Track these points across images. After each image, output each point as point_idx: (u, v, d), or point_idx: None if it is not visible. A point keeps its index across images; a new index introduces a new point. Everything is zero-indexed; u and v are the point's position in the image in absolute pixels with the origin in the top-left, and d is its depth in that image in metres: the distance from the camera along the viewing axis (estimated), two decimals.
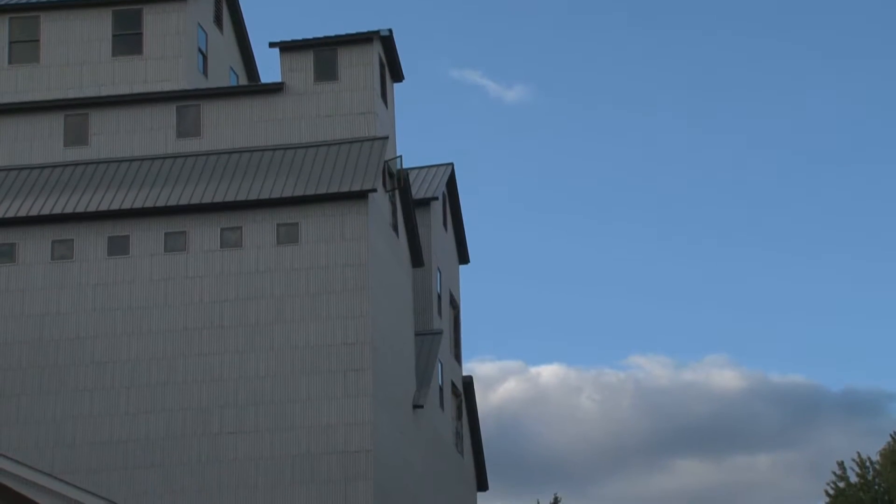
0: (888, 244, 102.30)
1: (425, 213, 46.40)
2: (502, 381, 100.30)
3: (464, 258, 51.29)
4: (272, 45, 41.96)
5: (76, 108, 42.19)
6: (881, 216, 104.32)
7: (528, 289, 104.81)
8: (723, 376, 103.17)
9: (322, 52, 41.89)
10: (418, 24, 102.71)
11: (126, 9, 43.17)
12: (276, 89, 41.76)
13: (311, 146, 41.07)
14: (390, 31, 42.22)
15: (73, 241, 40.15)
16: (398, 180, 42.35)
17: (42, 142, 42.10)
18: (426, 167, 48.60)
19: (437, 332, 45.90)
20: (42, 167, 41.69)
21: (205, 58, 44.39)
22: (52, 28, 43.35)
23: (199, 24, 44.15)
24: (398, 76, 43.98)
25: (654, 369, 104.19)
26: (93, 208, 40.14)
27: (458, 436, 48.65)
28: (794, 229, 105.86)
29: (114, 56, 42.98)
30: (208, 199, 39.89)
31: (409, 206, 43.43)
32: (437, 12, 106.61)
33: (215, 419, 38.57)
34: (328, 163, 40.49)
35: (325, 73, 41.73)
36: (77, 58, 43.01)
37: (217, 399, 38.68)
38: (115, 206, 40.12)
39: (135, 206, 40.02)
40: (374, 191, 39.52)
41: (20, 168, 41.74)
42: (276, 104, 41.65)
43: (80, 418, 38.95)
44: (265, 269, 39.36)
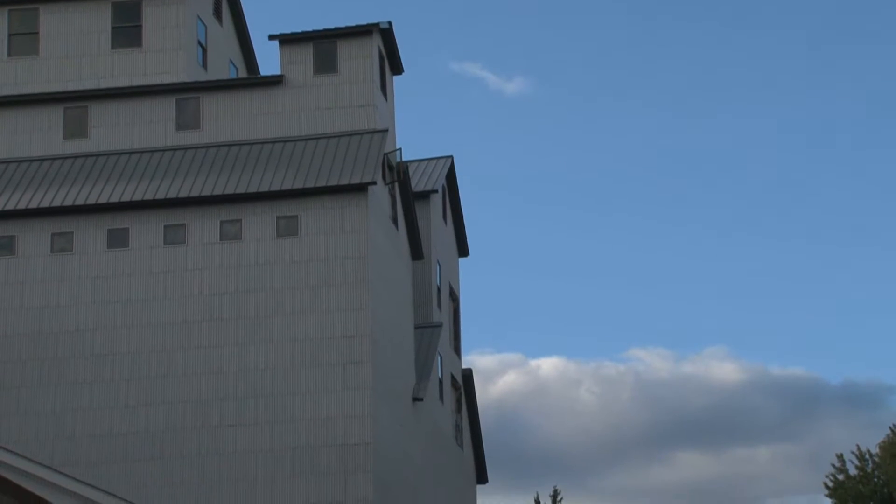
0: (888, 237, 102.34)
1: (425, 205, 46.39)
2: (502, 373, 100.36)
3: (463, 251, 51.29)
4: (272, 37, 41.94)
5: (75, 101, 42.16)
6: (881, 209, 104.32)
7: (527, 281, 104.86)
8: (722, 369, 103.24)
9: (321, 45, 41.85)
10: (418, 16, 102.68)
11: (125, 1, 43.12)
12: (275, 82, 41.73)
13: (310, 139, 41.04)
14: (390, 23, 42.19)
15: (72, 233, 40.14)
16: (398, 173, 42.33)
17: (41, 134, 42.08)
18: (426, 160, 48.59)
19: (436, 324, 45.91)
20: (41, 160, 41.67)
21: (204, 50, 44.35)
22: (51, 20, 43.31)
23: (199, 17, 44.11)
24: (398, 69, 43.95)
25: (653, 362, 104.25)
26: (92, 201, 40.12)
27: (458, 428, 48.66)
28: (793, 222, 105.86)
29: (113, 48, 42.95)
30: (208, 192, 39.88)
31: (409, 199, 43.41)
32: (436, 4, 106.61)
33: (215, 412, 38.58)
34: (328, 155, 40.46)
35: (325, 65, 41.70)
36: (76, 50, 42.99)
37: (217, 392, 38.68)
38: (114, 198, 40.10)
39: (134, 199, 40.00)
40: (373, 183, 39.51)
41: (19, 161, 41.72)
42: (276, 97, 41.62)
43: (80, 411, 38.96)
44: (265, 262, 39.36)
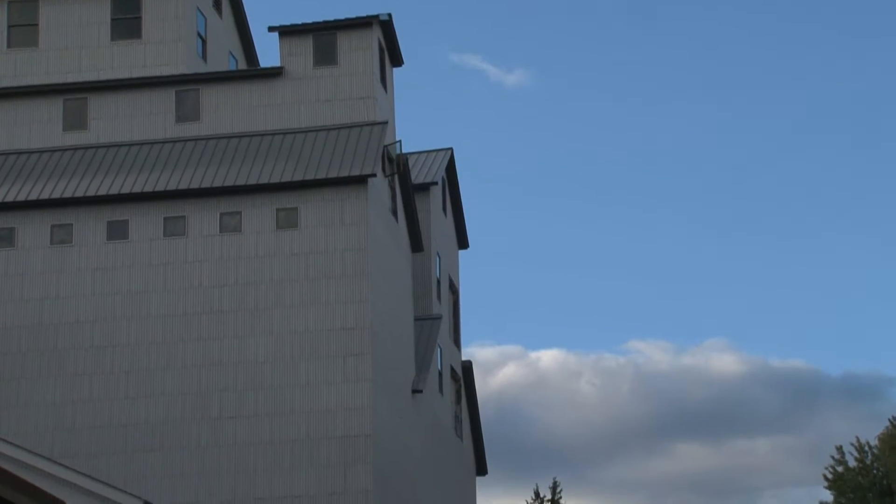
0: (888, 230, 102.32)
1: (425, 198, 46.37)
2: (502, 365, 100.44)
3: (463, 243, 51.27)
4: (271, 29, 41.91)
5: (75, 93, 42.13)
6: (882, 201, 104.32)
7: (527, 273, 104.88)
8: (722, 361, 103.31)
9: (321, 37, 41.82)
10: (418, 8, 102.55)
11: None
12: (275, 74, 41.70)
13: (310, 131, 41.02)
14: (390, 15, 42.14)
15: (72, 225, 40.13)
16: (397, 165, 42.32)
17: (41, 126, 42.05)
18: (425, 152, 48.56)
19: (436, 316, 45.92)
20: (41, 151, 41.64)
21: (204, 42, 44.32)
22: (50, 12, 43.26)
23: (198, 9, 44.06)
24: (398, 61, 43.91)
25: (653, 354, 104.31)
26: (92, 193, 40.12)
27: (458, 420, 48.68)
28: (794, 215, 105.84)
29: (113, 40, 42.90)
30: (207, 184, 39.86)
31: (409, 191, 43.40)
32: None
33: (215, 404, 38.60)
34: (327, 147, 40.44)
35: (325, 57, 41.66)
36: (76, 42, 42.95)
37: (216, 384, 38.70)
38: (114, 190, 40.09)
39: (134, 191, 39.99)
40: (373, 176, 39.49)
41: (19, 152, 41.69)
42: (276, 89, 41.59)
43: (80, 402, 38.97)
44: (264, 254, 39.35)
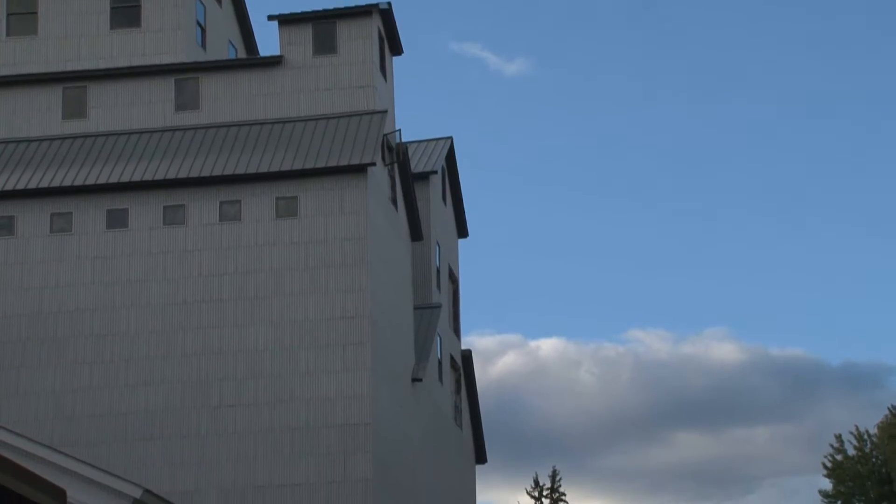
0: (888, 220, 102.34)
1: (424, 186, 46.36)
2: (501, 354, 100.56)
3: (463, 232, 51.26)
4: (271, 17, 41.86)
5: (74, 81, 42.09)
6: (882, 188, 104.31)
7: (527, 262, 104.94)
8: (722, 350, 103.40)
9: (321, 25, 41.77)
10: None
11: None
12: (274, 62, 41.66)
13: (309, 119, 40.99)
14: (389, 3, 42.08)
15: (71, 214, 40.11)
16: (397, 154, 42.28)
17: (40, 114, 42.02)
18: (425, 141, 48.53)
19: (436, 305, 45.92)
20: (40, 140, 41.61)
21: (203, 31, 44.26)
22: (50, 0, 43.18)
23: None
24: (397, 49, 43.87)
25: (653, 343, 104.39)
26: (91, 181, 40.10)
27: (457, 409, 48.71)
28: (793, 204, 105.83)
29: (112, 29, 42.85)
30: (207, 173, 39.84)
31: (408, 180, 43.38)
32: None
33: (214, 392, 38.62)
34: (327, 136, 40.41)
35: (324, 46, 41.61)
36: (75, 30, 42.89)
37: (216, 372, 38.71)
38: (113, 179, 40.07)
39: (133, 180, 39.97)
40: (373, 164, 39.47)
41: (18, 141, 41.67)
42: (275, 77, 41.55)
43: (80, 391, 38.98)
44: (264, 243, 39.34)
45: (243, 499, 37.79)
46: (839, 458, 59.89)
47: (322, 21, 41.75)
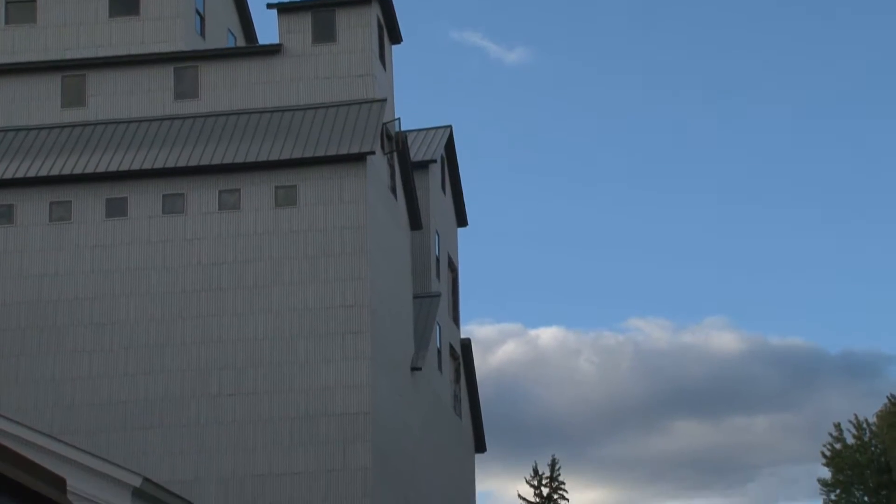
0: (888, 208, 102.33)
1: (424, 175, 46.32)
2: (501, 343, 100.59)
3: (462, 221, 51.24)
4: (270, 6, 41.81)
5: (73, 70, 42.02)
6: (882, 178, 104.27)
7: (526, 251, 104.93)
8: (722, 339, 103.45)
9: (320, 14, 41.70)
10: None
11: None
12: (273, 51, 41.60)
13: (309, 108, 40.94)
14: None
15: (70, 202, 40.07)
16: (396, 143, 42.23)
17: (39, 103, 41.96)
18: (424, 130, 48.48)
19: (435, 294, 45.91)
20: (39, 128, 41.56)
21: (202, 19, 44.19)
22: None
23: None
24: (397, 38, 43.80)
25: (653, 332, 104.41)
26: (91, 170, 40.05)
27: (457, 398, 48.72)
28: (793, 193, 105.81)
29: (111, 17, 42.77)
30: (206, 161, 39.80)
31: (408, 169, 43.34)
32: None
33: (214, 381, 38.61)
34: (326, 125, 40.37)
35: (324, 34, 41.55)
36: (74, 18, 42.81)
37: (216, 361, 38.70)
38: (112, 167, 40.03)
39: (133, 168, 39.93)
40: (372, 153, 39.43)
41: (17, 129, 41.61)
42: (274, 66, 41.49)
43: (79, 379, 38.98)
44: (263, 232, 39.32)
45: (243, 488, 37.81)
46: (838, 446, 59.94)
47: (321, 9, 41.68)
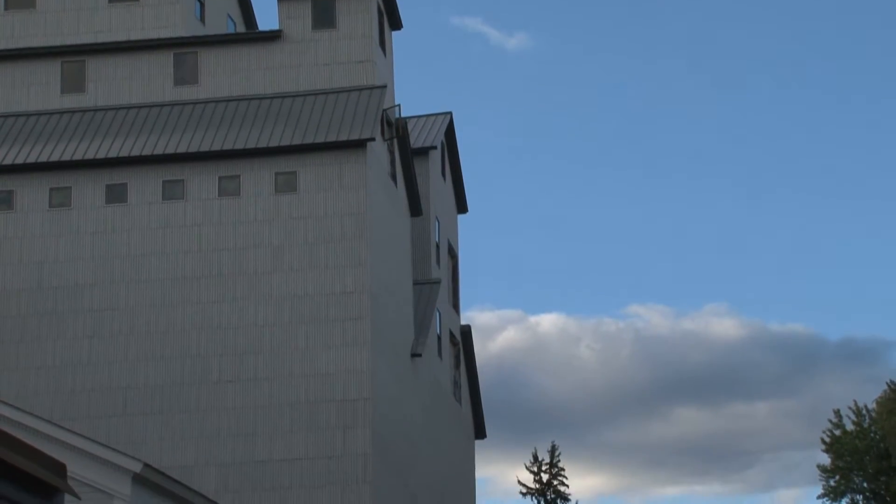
0: (888, 194, 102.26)
1: (424, 162, 46.30)
2: (501, 329, 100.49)
3: (462, 207, 51.22)
4: None
5: (73, 55, 41.98)
6: (881, 163, 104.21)
7: (527, 238, 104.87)
8: (722, 325, 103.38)
9: (320, 0, 41.64)
10: None
11: None
12: (273, 37, 41.54)
13: (309, 94, 40.90)
14: None
15: (70, 188, 40.06)
16: (396, 129, 42.21)
17: (39, 89, 41.92)
18: (425, 116, 48.44)
19: (435, 281, 45.92)
20: (39, 114, 41.53)
21: (202, 5, 44.13)
22: None
23: None
24: (397, 24, 43.75)
25: (653, 318, 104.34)
26: (90, 156, 40.03)
27: (457, 384, 48.75)
28: (793, 179, 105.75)
29: (111, 2, 42.71)
30: (206, 148, 39.78)
31: (408, 156, 43.32)
32: None
33: (214, 367, 38.64)
34: (326, 111, 40.34)
35: (324, 20, 41.49)
36: (73, 4, 42.76)
37: (216, 347, 38.72)
38: (112, 153, 40.01)
39: (132, 154, 39.91)
40: (372, 139, 39.41)
41: (17, 115, 41.58)
42: (274, 52, 41.45)
43: (79, 365, 39.01)
44: (263, 218, 39.31)
45: (242, 473, 37.86)
46: (838, 433, 59.93)
47: None
